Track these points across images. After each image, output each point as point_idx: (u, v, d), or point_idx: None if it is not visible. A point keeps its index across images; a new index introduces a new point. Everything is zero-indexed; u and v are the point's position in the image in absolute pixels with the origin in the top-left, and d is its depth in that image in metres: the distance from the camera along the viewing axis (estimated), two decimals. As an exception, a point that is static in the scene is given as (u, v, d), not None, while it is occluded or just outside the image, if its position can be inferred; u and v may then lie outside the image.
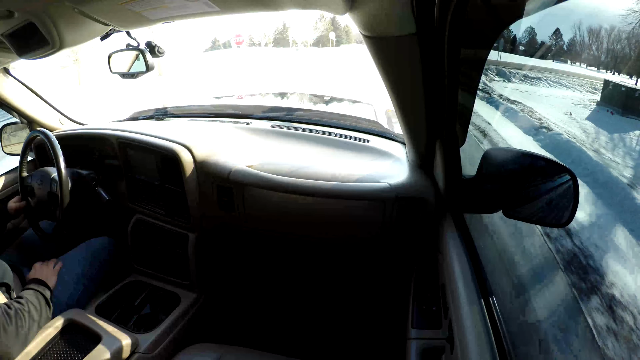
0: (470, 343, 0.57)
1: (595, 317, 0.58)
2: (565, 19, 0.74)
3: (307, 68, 16.04)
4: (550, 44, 0.86)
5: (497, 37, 0.69)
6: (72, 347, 0.99)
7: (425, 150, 0.98)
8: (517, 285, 0.82)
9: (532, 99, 1.12)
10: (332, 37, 41.56)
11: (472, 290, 0.66)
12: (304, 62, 20.27)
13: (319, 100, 2.10)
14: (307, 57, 24.79)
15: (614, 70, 0.71)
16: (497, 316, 0.61)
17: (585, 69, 0.80)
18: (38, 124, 1.52)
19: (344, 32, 46.33)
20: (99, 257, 1.29)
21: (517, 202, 0.74)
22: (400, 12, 0.56)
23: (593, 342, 0.56)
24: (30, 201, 1.28)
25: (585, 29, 0.72)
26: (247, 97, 2.18)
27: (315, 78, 11.60)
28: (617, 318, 0.56)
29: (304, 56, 25.79)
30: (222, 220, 1.25)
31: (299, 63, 19.47)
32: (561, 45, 0.82)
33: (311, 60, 20.78)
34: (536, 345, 0.66)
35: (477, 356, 0.54)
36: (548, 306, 0.73)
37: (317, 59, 21.58)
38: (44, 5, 0.72)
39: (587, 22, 0.71)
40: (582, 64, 0.82)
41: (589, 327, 0.58)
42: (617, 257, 0.63)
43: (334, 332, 1.46)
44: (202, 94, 7.81)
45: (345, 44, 43.55)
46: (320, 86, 8.62)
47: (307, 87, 8.77)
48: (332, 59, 20.81)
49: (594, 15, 0.71)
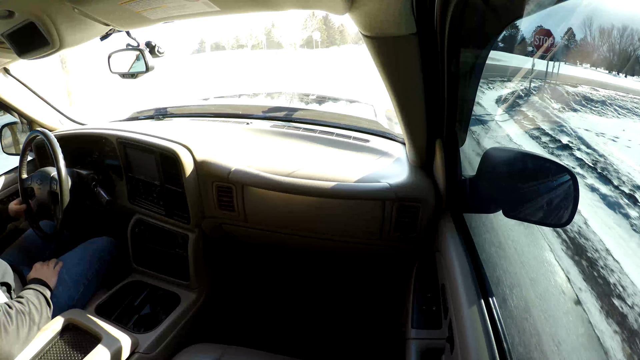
0: (470, 343, 0.57)
1: (596, 317, 0.58)
2: (565, 19, 0.74)
3: (278, 77, 14.35)
4: (550, 44, 0.86)
5: (497, 37, 0.69)
6: (72, 347, 0.99)
7: (425, 151, 0.98)
8: (517, 286, 0.82)
9: (532, 99, 1.12)
10: (316, 38, 38.49)
11: (472, 290, 0.66)
12: (281, 68, 18.33)
13: (319, 100, 2.10)
14: (289, 61, 22.50)
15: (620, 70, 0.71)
16: (497, 316, 0.61)
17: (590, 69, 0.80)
18: (38, 124, 1.52)
19: (338, 32, 44.90)
20: (99, 257, 1.29)
21: (517, 202, 0.74)
22: (400, 12, 0.56)
23: (593, 342, 0.56)
24: (30, 203, 1.28)
25: (587, 28, 0.72)
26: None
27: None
28: (618, 318, 0.56)
29: (285, 60, 23.44)
30: (222, 221, 1.25)
31: (274, 70, 17.53)
32: (562, 45, 0.82)
33: (291, 66, 18.81)
34: (536, 345, 0.66)
35: (477, 356, 0.54)
36: (548, 306, 0.73)
37: (301, 64, 19.72)
38: (44, 5, 0.72)
39: (589, 22, 0.71)
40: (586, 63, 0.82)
41: (589, 327, 0.58)
42: (618, 257, 0.63)
43: (334, 332, 1.46)
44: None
45: (337, 45, 41.15)
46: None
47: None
48: (319, 63, 19.26)
49: (594, 15, 0.71)
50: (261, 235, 1.26)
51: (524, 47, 0.87)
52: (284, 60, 24.27)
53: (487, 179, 0.81)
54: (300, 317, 1.53)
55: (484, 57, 0.70)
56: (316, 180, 1.05)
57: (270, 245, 1.46)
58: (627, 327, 0.54)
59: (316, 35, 39.22)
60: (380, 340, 1.37)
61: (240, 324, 1.48)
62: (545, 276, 0.79)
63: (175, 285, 1.31)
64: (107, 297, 1.22)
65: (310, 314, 1.54)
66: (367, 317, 1.48)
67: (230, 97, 2.24)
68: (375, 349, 1.35)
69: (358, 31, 0.64)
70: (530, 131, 1.04)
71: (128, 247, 1.38)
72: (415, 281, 0.97)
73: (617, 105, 0.74)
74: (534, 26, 0.78)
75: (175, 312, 1.21)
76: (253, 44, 44.42)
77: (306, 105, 1.98)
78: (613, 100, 0.75)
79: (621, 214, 0.66)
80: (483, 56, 0.70)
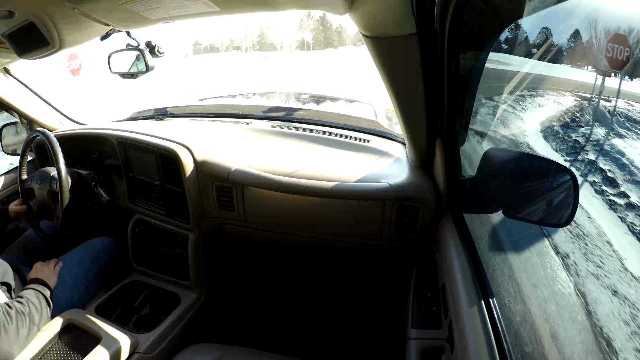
0: (470, 343, 0.57)
1: (596, 317, 0.58)
2: (565, 18, 0.74)
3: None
4: (550, 44, 0.86)
5: (498, 37, 0.69)
6: (72, 347, 0.99)
7: (425, 150, 0.98)
8: (517, 285, 0.82)
9: (533, 99, 1.12)
10: (308, 39, 36.61)
11: (472, 290, 0.66)
12: (271, 71, 16.91)
13: (319, 100, 2.10)
14: (280, 64, 20.57)
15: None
16: (497, 316, 0.61)
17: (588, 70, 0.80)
18: (38, 124, 1.52)
19: (336, 33, 43.43)
20: (99, 258, 1.29)
21: (517, 202, 0.74)
22: (400, 12, 0.56)
23: (593, 341, 0.56)
24: (31, 204, 1.28)
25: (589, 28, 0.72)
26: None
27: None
28: (618, 318, 0.56)
29: (276, 63, 21.46)
30: (222, 221, 1.25)
31: (263, 73, 16.43)
32: (562, 45, 0.82)
33: (282, 69, 17.71)
34: (536, 345, 0.66)
35: (477, 356, 0.54)
36: (548, 306, 0.73)
37: (292, 66, 18.28)
38: (44, 5, 0.72)
39: (586, 22, 0.71)
40: (583, 65, 0.82)
41: (590, 326, 0.58)
42: (618, 257, 0.63)
43: (334, 332, 1.46)
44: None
45: (334, 47, 39.25)
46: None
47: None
48: (310, 66, 18.02)
49: (594, 15, 0.71)
50: (261, 235, 1.26)
51: (524, 47, 0.87)
52: (274, 62, 23.03)
53: (487, 179, 0.81)
54: (300, 317, 1.53)
55: (484, 57, 0.70)
56: (316, 180, 1.05)
57: (270, 245, 1.46)
58: (627, 326, 0.54)
59: (308, 36, 37.72)
60: (380, 340, 1.37)
61: (240, 324, 1.48)
62: (545, 276, 0.79)
63: (175, 285, 1.31)
64: (107, 297, 1.22)
65: (310, 314, 1.54)
66: (367, 317, 1.48)
67: (227, 97, 2.24)
68: (375, 349, 1.35)
69: (356, 32, 0.64)
70: (531, 130, 1.04)
71: (128, 247, 1.39)
72: (415, 281, 0.97)
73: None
74: (534, 26, 0.78)
75: (175, 312, 1.21)
76: (246, 46, 43.49)
77: (306, 105, 1.98)
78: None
79: (621, 213, 0.66)
80: (483, 56, 0.70)
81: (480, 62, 0.72)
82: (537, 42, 0.87)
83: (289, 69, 18.04)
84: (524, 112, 1.12)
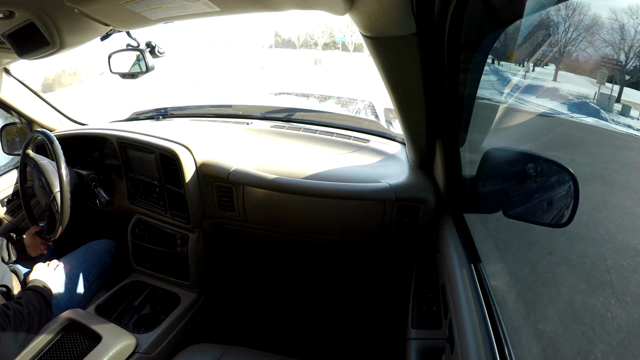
0: (470, 343, 0.57)
1: (595, 317, 0.58)
2: (565, 18, 0.74)
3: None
4: (549, 44, 0.86)
5: (498, 37, 0.69)
6: (72, 347, 0.99)
7: (425, 151, 0.98)
8: (517, 286, 0.82)
9: (533, 98, 1.12)
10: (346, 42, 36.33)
11: (472, 291, 0.66)
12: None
13: (319, 100, 2.10)
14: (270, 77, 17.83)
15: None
16: (496, 316, 0.61)
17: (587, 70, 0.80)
18: (38, 124, 1.52)
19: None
20: (100, 260, 1.29)
21: (517, 202, 0.74)
22: (400, 12, 0.56)
23: (593, 341, 0.56)
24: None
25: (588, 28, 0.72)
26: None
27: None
28: (617, 317, 0.56)
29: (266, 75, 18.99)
30: (222, 220, 1.25)
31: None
32: (562, 45, 0.82)
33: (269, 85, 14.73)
34: (536, 345, 0.66)
35: (477, 356, 0.54)
36: (548, 306, 0.73)
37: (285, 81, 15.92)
38: (44, 6, 0.72)
39: (587, 21, 0.71)
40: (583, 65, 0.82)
41: (590, 326, 0.58)
42: (618, 257, 0.63)
43: (334, 332, 1.46)
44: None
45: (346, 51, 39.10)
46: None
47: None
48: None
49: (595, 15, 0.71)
50: (261, 235, 1.26)
51: (524, 47, 0.87)
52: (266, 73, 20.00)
53: (487, 179, 0.81)
54: (300, 317, 1.53)
55: (484, 57, 0.70)
56: (316, 180, 1.05)
57: (271, 245, 1.46)
58: (626, 326, 0.54)
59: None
60: (380, 340, 1.37)
61: (240, 323, 1.48)
62: (545, 276, 0.79)
63: (175, 285, 1.31)
64: (107, 297, 1.22)
65: (310, 314, 1.54)
66: (367, 317, 1.48)
67: (226, 97, 2.24)
68: (375, 348, 1.35)
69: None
70: (532, 130, 1.04)
71: (128, 247, 1.38)
72: (416, 281, 0.97)
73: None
74: (534, 26, 0.78)
75: (175, 312, 1.21)
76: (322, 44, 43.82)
77: (306, 105, 1.98)
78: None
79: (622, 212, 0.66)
80: (483, 56, 0.70)
81: (480, 62, 0.72)
82: (538, 42, 0.87)
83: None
84: (524, 112, 1.12)
